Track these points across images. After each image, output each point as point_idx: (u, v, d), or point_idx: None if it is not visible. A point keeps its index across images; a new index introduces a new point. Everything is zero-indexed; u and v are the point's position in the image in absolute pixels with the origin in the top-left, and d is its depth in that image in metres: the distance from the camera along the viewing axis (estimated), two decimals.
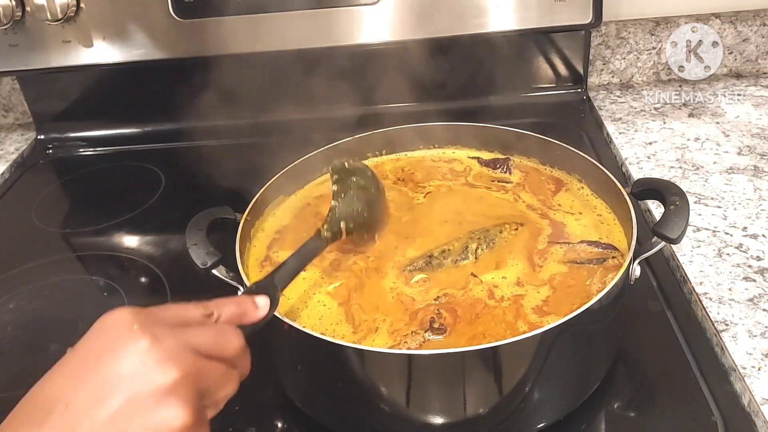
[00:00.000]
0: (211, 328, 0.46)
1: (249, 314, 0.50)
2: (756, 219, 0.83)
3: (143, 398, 0.39)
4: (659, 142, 1.03)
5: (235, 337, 0.46)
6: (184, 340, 0.42)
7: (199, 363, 0.42)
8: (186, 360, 0.41)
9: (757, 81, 1.18)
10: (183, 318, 0.45)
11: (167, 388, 0.39)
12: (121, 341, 0.40)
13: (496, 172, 0.81)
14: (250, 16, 1.03)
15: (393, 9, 1.02)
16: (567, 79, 1.18)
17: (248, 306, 0.51)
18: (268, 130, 1.15)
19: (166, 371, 0.40)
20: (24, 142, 1.22)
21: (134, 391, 0.39)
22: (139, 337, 0.40)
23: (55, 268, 0.91)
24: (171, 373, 0.40)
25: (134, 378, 0.39)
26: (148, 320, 0.42)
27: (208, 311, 0.47)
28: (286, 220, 0.76)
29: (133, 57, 1.07)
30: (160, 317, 0.43)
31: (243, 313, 0.50)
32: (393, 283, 0.66)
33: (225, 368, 0.44)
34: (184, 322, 0.44)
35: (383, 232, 0.73)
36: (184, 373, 0.40)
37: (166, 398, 0.39)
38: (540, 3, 1.02)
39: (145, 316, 0.42)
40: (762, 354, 0.65)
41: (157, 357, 0.40)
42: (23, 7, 1.02)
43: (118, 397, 0.38)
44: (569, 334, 0.56)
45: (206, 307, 0.47)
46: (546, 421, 0.61)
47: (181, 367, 0.40)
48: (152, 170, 1.11)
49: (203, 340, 0.43)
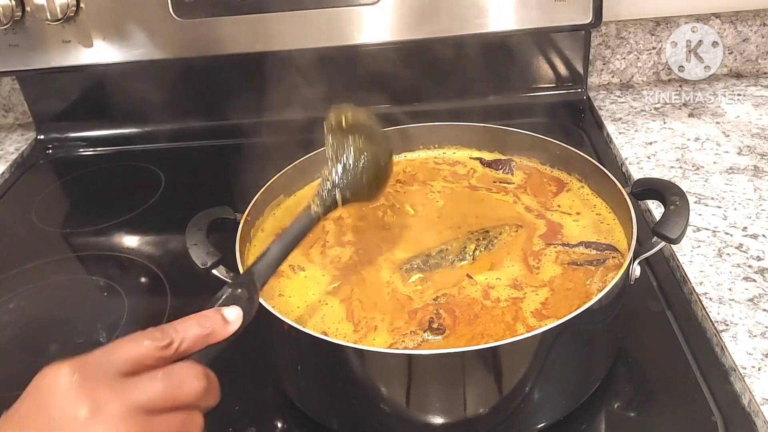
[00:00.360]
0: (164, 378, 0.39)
1: (216, 333, 0.44)
2: (756, 219, 0.83)
3: None
4: (659, 142, 1.03)
5: (194, 380, 0.40)
6: (130, 402, 0.37)
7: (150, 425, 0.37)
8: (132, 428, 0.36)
9: (757, 81, 1.18)
10: (132, 360, 0.39)
11: None
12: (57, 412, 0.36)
13: (498, 173, 0.81)
14: (250, 16, 1.03)
15: (393, 9, 1.02)
16: (567, 79, 1.18)
17: (215, 323, 0.44)
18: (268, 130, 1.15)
19: None
20: (24, 142, 1.22)
21: None
22: (76, 407, 0.36)
23: (55, 268, 0.91)
24: None
25: None
26: (86, 380, 0.37)
27: (166, 340, 0.41)
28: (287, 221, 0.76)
29: (133, 57, 1.07)
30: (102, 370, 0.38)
31: (209, 334, 0.44)
32: (390, 277, 0.66)
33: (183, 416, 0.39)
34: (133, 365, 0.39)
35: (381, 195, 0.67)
36: None
37: None
38: (540, 3, 1.02)
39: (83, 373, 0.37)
40: (762, 354, 0.65)
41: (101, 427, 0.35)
42: (23, 7, 1.02)
43: None
44: (569, 334, 0.56)
45: (164, 334, 0.41)
46: (546, 421, 0.61)
47: None
48: (152, 170, 1.11)
49: (153, 395, 0.38)
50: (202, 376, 0.41)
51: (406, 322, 0.61)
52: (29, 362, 0.75)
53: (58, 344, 0.77)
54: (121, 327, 0.78)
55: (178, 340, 0.41)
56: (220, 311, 0.45)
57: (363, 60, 1.06)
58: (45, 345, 0.78)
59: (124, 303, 0.82)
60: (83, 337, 0.78)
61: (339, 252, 0.70)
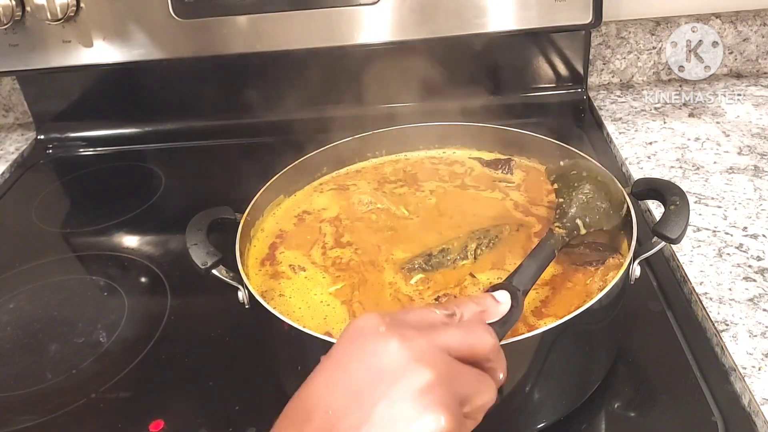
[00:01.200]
0: (460, 327, 0.43)
1: (491, 310, 0.48)
2: (756, 219, 0.83)
3: (399, 400, 0.36)
4: (659, 142, 1.03)
5: (486, 334, 0.42)
6: (434, 341, 0.39)
7: (453, 365, 0.39)
8: (438, 360, 0.38)
9: (758, 81, 1.18)
10: (427, 320, 0.42)
11: (423, 390, 0.37)
12: (370, 344, 0.39)
13: (497, 173, 0.81)
14: (250, 16, 1.03)
15: (393, 9, 1.02)
16: (567, 79, 1.18)
17: (488, 302, 0.48)
18: (269, 130, 1.15)
19: (420, 371, 0.37)
20: (24, 142, 1.22)
21: (389, 393, 0.37)
22: (388, 338, 0.39)
23: (55, 268, 0.91)
24: (425, 373, 0.37)
25: (387, 379, 0.37)
26: (393, 322, 0.40)
27: (450, 311, 0.44)
28: (287, 224, 0.76)
29: (133, 57, 1.07)
30: (404, 319, 0.41)
31: (484, 310, 0.47)
32: (393, 277, 0.66)
33: (478, 372, 0.41)
34: (429, 324, 0.42)
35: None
36: (438, 374, 0.37)
37: (423, 400, 0.36)
38: (540, 3, 1.02)
39: (390, 318, 0.40)
40: (762, 354, 0.65)
41: (408, 357, 0.38)
42: (23, 7, 1.02)
43: (372, 400, 0.37)
44: (569, 334, 0.56)
45: (447, 308, 0.44)
46: (546, 421, 0.61)
47: (435, 368, 0.37)
48: (152, 170, 1.11)
49: (453, 340, 0.41)
50: (494, 334, 0.43)
51: None
52: (29, 362, 0.76)
53: (58, 344, 0.78)
54: (121, 327, 0.79)
55: (460, 313, 0.44)
56: (490, 294, 0.49)
57: (362, 60, 1.06)
58: (45, 345, 0.78)
59: (124, 303, 0.82)
60: (83, 337, 0.78)
61: (340, 253, 0.70)
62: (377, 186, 0.81)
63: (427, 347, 0.39)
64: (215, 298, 0.76)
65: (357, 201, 0.78)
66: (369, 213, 0.76)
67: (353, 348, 0.40)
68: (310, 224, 0.76)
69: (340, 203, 0.78)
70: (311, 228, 0.75)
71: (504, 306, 0.48)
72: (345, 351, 0.40)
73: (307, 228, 0.75)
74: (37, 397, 0.71)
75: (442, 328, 0.41)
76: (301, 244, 0.72)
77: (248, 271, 0.68)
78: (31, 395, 0.71)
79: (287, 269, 0.69)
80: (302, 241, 0.73)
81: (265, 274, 0.69)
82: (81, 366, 0.74)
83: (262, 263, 0.70)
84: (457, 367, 0.40)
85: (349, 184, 0.82)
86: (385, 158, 0.86)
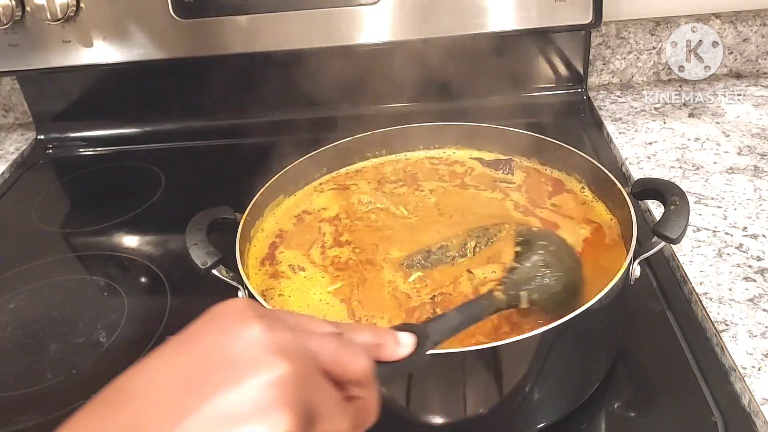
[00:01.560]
0: (336, 340, 0.37)
1: (387, 348, 0.41)
2: (756, 219, 0.83)
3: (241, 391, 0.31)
4: (659, 142, 1.03)
5: (363, 357, 0.37)
6: (303, 341, 0.35)
7: (314, 372, 0.34)
8: (300, 359, 0.34)
9: (757, 81, 1.18)
10: (307, 325, 0.38)
11: (273, 383, 0.32)
12: (229, 326, 0.35)
13: (498, 173, 0.81)
14: (250, 16, 1.03)
15: (393, 9, 1.02)
16: (567, 79, 1.18)
17: (387, 338, 0.42)
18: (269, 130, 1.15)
19: (275, 363, 0.32)
20: (24, 142, 1.22)
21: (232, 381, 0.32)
22: (250, 323, 0.34)
23: (55, 268, 0.91)
24: (280, 366, 0.32)
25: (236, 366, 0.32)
26: (266, 312, 0.36)
27: (339, 330, 0.39)
28: (287, 223, 0.76)
29: (133, 57, 1.07)
30: (280, 315, 0.37)
31: (380, 345, 0.41)
32: (392, 276, 0.66)
33: (340, 397, 0.36)
34: (307, 328, 0.37)
35: None
36: (294, 372, 0.32)
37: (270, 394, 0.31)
38: (540, 3, 1.02)
39: (265, 309, 0.36)
40: (762, 354, 0.65)
41: (266, 346, 0.33)
42: (23, 7, 1.02)
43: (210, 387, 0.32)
44: (569, 334, 0.55)
45: (338, 327, 0.39)
46: (546, 421, 0.61)
47: (293, 365, 0.33)
48: (152, 170, 1.11)
49: (325, 349, 0.36)
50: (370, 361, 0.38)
51: (404, 320, 0.61)
52: (29, 362, 0.76)
53: (58, 344, 0.78)
54: (121, 327, 0.79)
55: (349, 335, 0.39)
56: (394, 332, 0.43)
57: (362, 60, 1.06)
58: (45, 345, 0.78)
59: (124, 303, 0.82)
60: (83, 337, 0.78)
61: (338, 252, 0.70)
62: (377, 186, 0.81)
63: (291, 343, 0.34)
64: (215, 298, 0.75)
65: (357, 201, 0.78)
66: (369, 213, 0.76)
67: (209, 327, 0.35)
68: (309, 224, 0.76)
69: (340, 203, 0.78)
70: (311, 227, 0.75)
71: (403, 349, 0.42)
72: (198, 329, 0.36)
73: (306, 228, 0.75)
74: (37, 397, 0.71)
75: (317, 335, 0.37)
76: (301, 244, 0.72)
77: (248, 271, 0.68)
78: (31, 395, 0.71)
79: (287, 269, 0.69)
80: (302, 241, 0.73)
81: (264, 273, 0.69)
82: (81, 366, 0.74)
83: (261, 263, 0.70)
84: (319, 378, 0.35)
85: (349, 184, 0.82)
86: (385, 158, 0.86)
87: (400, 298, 0.63)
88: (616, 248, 0.68)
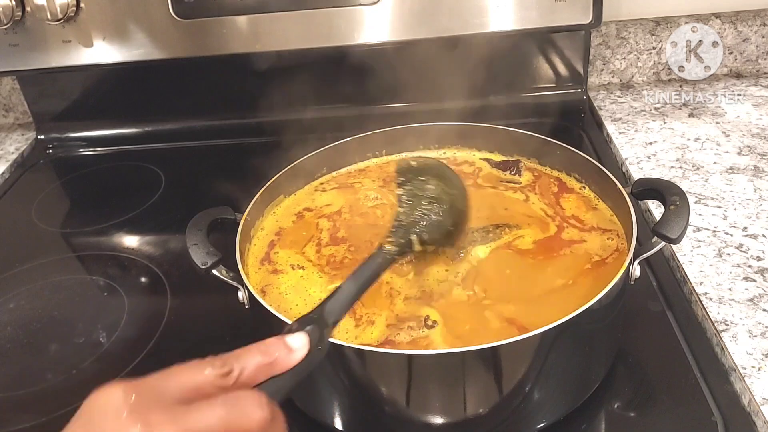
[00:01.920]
0: (224, 404, 0.36)
1: (280, 361, 0.41)
2: (756, 219, 0.83)
3: None
4: (659, 142, 1.03)
5: (256, 408, 0.37)
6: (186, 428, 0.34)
7: None
8: None
9: (757, 81, 1.18)
10: (189, 387, 0.37)
11: None
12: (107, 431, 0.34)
13: (505, 174, 0.81)
14: (250, 16, 1.03)
15: (393, 9, 1.02)
16: (567, 79, 1.18)
17: (278, 350, 0.41)
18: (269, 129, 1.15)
19: None
20: (24, 142, 1.22)
21: None
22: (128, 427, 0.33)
23: (55, 268, 0.91)
24: None
25: None
26: (140, 402, 0.35)
27: (226, 369, 0.38)
28: (287, 221, 0.76)
29: (133, 57, 1.07)
30: (157, 394, 0.36)
31: (272, 362, 0.41)
32: (389, 276, 0.66)
33: None
34: (190, 393, 0.36)
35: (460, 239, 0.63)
36: None
37: None
38: (540, 3, 1.02)
39: (138, 396, 0.35)
40: (762, 354, 0.65)
41: None
42: (23, 7, 1.02)
43: None
44: (569, 334, 0.55)
45: (224, 363, 0.38)
46: (546, 421, 0.61)
47: None
48: (152, 170, 1.11)
49: (211, 421, 0.35)
50: (266, 405, 0.37)
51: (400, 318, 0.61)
52: (29, 362, 0.76)
53: (58, 344, 0.78)
54: (121, 327, 0.79)
55: (239, 368, 0.39)
56: (283, 338, 0.42)
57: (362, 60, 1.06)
58: (45, 345, 0.78)
59: (124, 303, 0.82)
60: (83, 337, 0.78)
61: (334, 250, 0.71)
62: (382, 184, 0.81)
63: None
64: (215, 298, 0.76)
65: (363, 196, 0.78)
66: (374, 208, 0.76)
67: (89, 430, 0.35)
68: (309, 220, 0.76)
69: (346, 197, 0.79)
70: (309, 224, 0.75)
71: (298, 353, 0.42)
72: None
73: (304, 224, 0.75)
74: (37, 397, 0.71)
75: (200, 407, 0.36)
76: (296, 242, 0.72)
77: (248, 270, 0.68)
78: (31, 395, 0.71)
79: (286, 267, 0.69)
80: (297, 238, 0.73)
81: (264, 272, 0.69)
82: (81, 366, 0.74)
83: (261, 262, 0.70)
84: None
85: (353, 182, 0.82)
86: (388, 158, 0.86)
87: (397, 298, 0.64)
88: None
